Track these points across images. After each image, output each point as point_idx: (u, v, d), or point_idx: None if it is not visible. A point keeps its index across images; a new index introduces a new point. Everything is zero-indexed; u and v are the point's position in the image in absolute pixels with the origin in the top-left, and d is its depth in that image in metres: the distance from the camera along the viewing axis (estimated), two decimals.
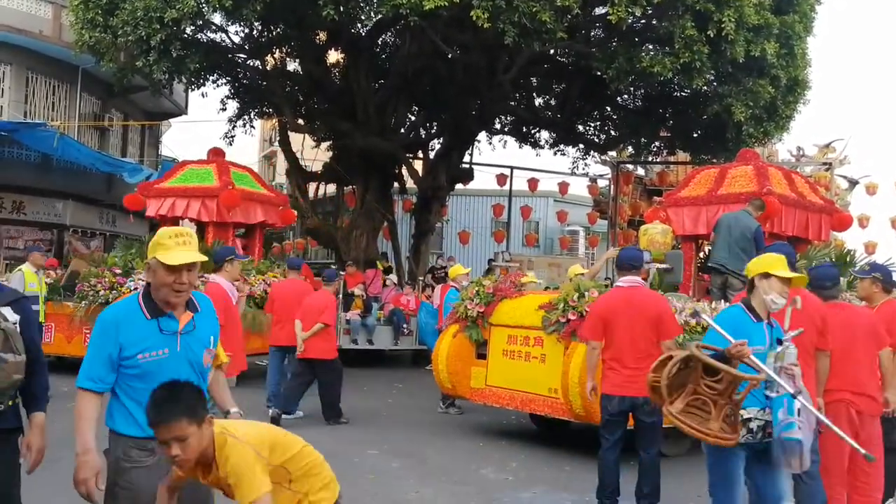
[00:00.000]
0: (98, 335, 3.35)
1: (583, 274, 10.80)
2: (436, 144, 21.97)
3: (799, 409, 4.21)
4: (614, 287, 6.74)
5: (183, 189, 13.99)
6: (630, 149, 22.65)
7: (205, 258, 3.46)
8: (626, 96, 20.07)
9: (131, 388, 3.33)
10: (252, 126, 22.48)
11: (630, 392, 5.97)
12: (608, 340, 6.21)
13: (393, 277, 17.97)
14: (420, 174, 20.89)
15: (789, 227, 10.20)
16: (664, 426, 7.84)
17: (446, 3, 12.62)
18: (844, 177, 22.75)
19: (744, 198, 9.84)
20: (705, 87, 15.36)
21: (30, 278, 10.96)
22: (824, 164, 21.43)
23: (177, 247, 3.34)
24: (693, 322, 8.00)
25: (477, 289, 9.47)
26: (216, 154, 14.95)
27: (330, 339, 9.59)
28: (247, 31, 18.55)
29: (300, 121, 20.35)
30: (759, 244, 8.96)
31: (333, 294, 9.92)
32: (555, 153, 22.86)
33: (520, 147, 23.30)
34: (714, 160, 17.64)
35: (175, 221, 14.05)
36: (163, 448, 2.97)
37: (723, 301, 8.72)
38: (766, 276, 4.59)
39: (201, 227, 13.94)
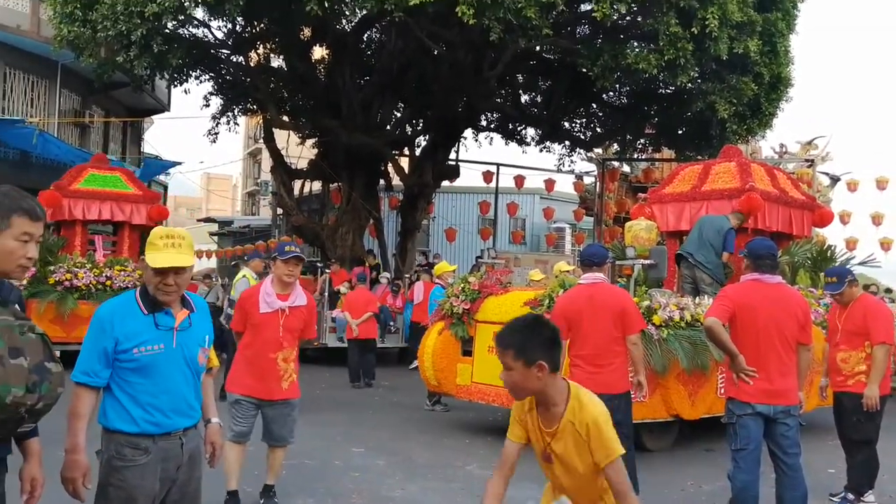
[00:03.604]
0: (94, 330, 3.34)
1: (570, 271, 10.83)
2: (422, 141, 21.93)
3: None
4: (577, 285, 6.71)
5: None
6: (615, 146, 22.74)
7: (192, 262, 3.45)
8: (611, 93, 20.08)
9: (126, 383, 3.31)
10: (236, 123, 22.28)
11: (593, 389, 5.87)
12: (573, 338, 6.17)
13: (387, 275, 17.88)
14: (406, 171, 20.86)
15: (772, 223, 10.25)
16: (650, 420, 7.91)
17: None
18: (826, 173, 22.91)
19: (727, 194, 9.90)
20: (689, 85, 15.39)
21: (253, 284, 11.05)
22: (806, 160, 21.56)
23: (165, 248, 3.34)
24: (677, 318, 8.04)
25: (462, 286, 9.48)
26: (97, 158, 15.71)
27: (373, 323, 13.23)
28: (230, 26, 18.39)
29: (285, 117, 20.23)
30: (728, 243, 9.15)
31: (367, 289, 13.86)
32: (541, 150, 22.91)
33: (506, 144, 23.38)
34: (698, 157, 17.70)
35: (73, 223, 14.58)
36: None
37: (706, 297, 8.73)
38: None
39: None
